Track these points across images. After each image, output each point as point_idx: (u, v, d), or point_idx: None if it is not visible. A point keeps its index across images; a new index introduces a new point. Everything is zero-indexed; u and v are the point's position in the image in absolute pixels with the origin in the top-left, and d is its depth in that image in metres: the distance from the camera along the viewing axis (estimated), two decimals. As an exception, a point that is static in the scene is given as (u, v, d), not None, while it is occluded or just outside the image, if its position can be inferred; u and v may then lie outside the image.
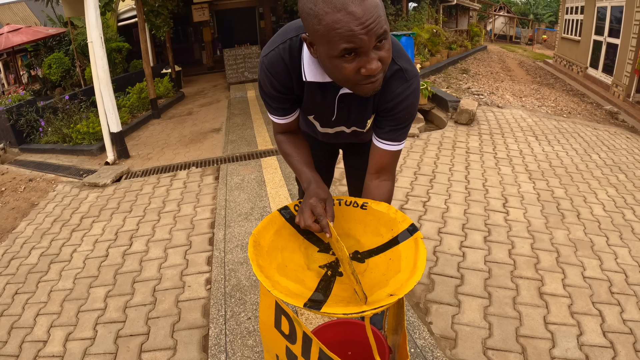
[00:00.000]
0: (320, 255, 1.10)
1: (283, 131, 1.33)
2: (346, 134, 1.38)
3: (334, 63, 0.94)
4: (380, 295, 0.93)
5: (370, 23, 0.87)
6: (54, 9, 9.13)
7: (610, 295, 2.16)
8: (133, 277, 2.47)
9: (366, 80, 0.96)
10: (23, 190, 4.28)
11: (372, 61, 0.92)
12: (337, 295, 0.94)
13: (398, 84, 1.12)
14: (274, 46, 1.13)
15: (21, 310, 2.32)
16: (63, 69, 7.44)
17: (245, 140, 4.96)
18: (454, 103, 5.56)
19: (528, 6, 31.74)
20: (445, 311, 2.05)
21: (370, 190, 1.26)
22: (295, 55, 1.12)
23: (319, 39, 0.92)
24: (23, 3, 16.03)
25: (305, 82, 1.15)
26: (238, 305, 2.11)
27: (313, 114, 1.29)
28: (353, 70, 0.94)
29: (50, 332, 2.10)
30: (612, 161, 4.21)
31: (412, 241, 1.09)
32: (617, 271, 2.37)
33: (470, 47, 13.98)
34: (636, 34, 7.78)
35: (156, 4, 7.44)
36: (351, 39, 0.88)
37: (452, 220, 2.90)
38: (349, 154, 1.65)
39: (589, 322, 1.96)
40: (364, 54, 0.91)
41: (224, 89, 9.17)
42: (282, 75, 1.14)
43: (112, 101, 4.45)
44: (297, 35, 1.11)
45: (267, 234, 1.15)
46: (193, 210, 3.27)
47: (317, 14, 0.88)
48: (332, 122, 1.29)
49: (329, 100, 1.19)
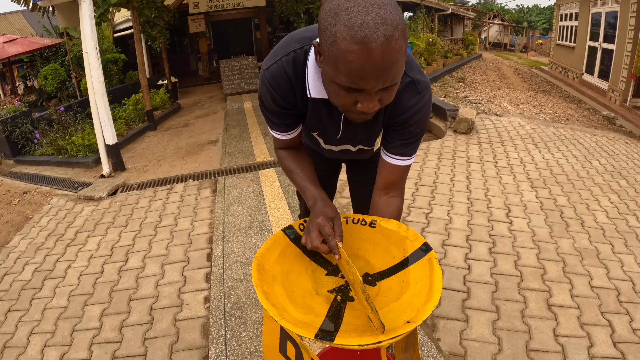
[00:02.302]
0: (328, 279, 1.04)
1: (285, 147, 1.25)
2: (352, 152, 1.32)
3: (333, 87, 0.88)
4: (397, 322, 0.87)
5: (384, 71, 0.79)
6: (50, 20, 9.10)
7: (618, 305, 2.12)
8: (129, 295, 2.39)
9: (359, 113, 0.91)
10: (17, 203, 4.20)
11: (372, 101, 0.86)
12: (349, 323, 0.88)
13: (410, 96, 1.05)
14: (275, 59, 1.06)
15: (14, 328, 2.24)
16: (59, 80, 7.39)
17: (243, 152, 4.91)
18: (452, 112, 5.54)
19: (522, 14, 32.17)
20: (453, 327, 1.99)
21: (378, 207, 1.20)
22: (299, 68, 1.04)
23: (327, 58, 0.84)
24: (19, 14, 16.01)
25: (310, 99, 1.08)
26: (239, 324, 2.04)
27: (317, 130, 1.23)
28: (350, 101, 0.88)
29: (44, 353, 2.02)
30: (613, 167, 4.19)
31: (426, 262, 1.03)
32: (624, 279, 2.33)
33: (466, 55, 14.10)
34: (631, 39, 7.84)
35: (152, 15, 7.43)
36: (357, 80, 0.81)
37: (455, 231, 2.85)
38: (354, 167, 1.58)
39: (598, 333, 1.92)
40: (365, 93, 0.85)
41: (220, 100, 9.14)
42: (284, 90, 1.07)
43: (108, 113, 4.40)
44: (302, 47, 1.04)
45: (271, 256, 1.09)
46: (190, 225, 3.20)
47: (334, 34, 0.78)
48: (337, 139, 1.22)
49: (335, 117, 1.12)
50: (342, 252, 0.97)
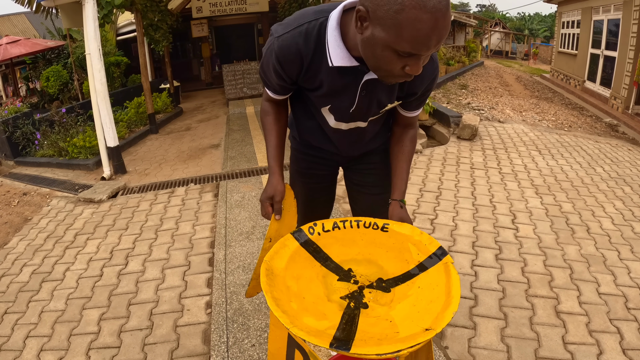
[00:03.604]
0: (340, 285, 1.00)
1: (272, 101, 1.31)
2: (360, 134, 1.33)
3: (386, 53, 0.90)
4: (414, 329, 0.82)
5: (442, 38, 0.86)
6: (54, 22, 9.10)
7: (626, 312, 2.09)
8: (129, 299, 2.34)
9: (404, 76, 0.96)
10: (17, 204, 4.15)
11: (419, 65, 0.92)
12: (365, 331, 0.84)
13: (427, 66, 1.11)
14: (289, 27, 1.08)
15: (10, 331, 2.19)
16: (61, 82, 7.37)
17: (245, 156, 4.88)
18: (455, 118, 5.52)
19: (523, 22, 32.34)
20: (461, 334, 1.94)
21: (397, 135, 1.34)
22: (312, 40, 1.06)
23: (387, 24, 0.85)
24: (23, 15, 16.03)
25: (329, 68, 1.08)
26: (241, 331, 1.99)
27: (329, 103, 1.21)
28: (399, 66, 0.92)
29: (40, 357, 1.97)
30: (617, 174, 4.16)
31: (442, 266, 0.99)
32: (632, 286, 2.31)
33: (468, 62, 14.12)
34: (633, 46, 7.85)
35: (155, 19, 7.43)
36: (420, 47, 0.86)
37: (461, 238, 2.81)
38: (351, 171, 1.54)
39: (607, 340, 1.89)
40: (417, 57, 0.90)
41: (222, 104, 9.13)
42: (291, 61, 1.09)
43: (110, 114, 4.36)
44: (317, 19, 1.06)
45: (281, 260, 1.05)
46: (192, 229, 3.16)
47: (401, 2, 0.82)
48: (350, 114, 1.22)
49: (352, 87, 1.13)
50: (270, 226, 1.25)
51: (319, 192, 1.56)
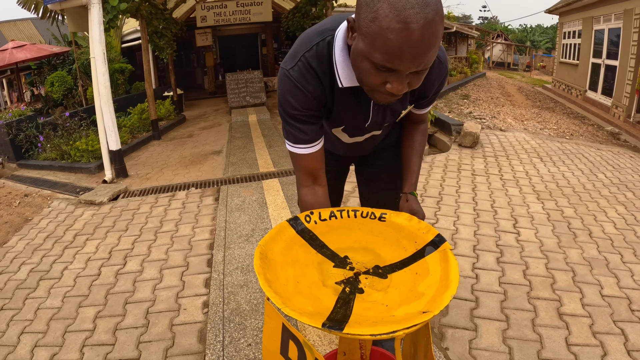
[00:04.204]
0: (336, 271, 0.98)
1: (310, 175, 1.17)
2: (376, 138, 1.34)
3: (365, 65, 0.86)
4: (411, 312, 0.81)
5: (420, 54, 0.79)
6: (59, 28, 9.19)
7: (630, 313, 2.06)
8: (125, 298, 2.32)
9: (387, 94, 0.90)
10: (18, 205, 4.16)
11: (401, 83, 0.86)
12: (360, 314, 0.82)
13: (436, 69, 1.10)
14: (297, 56, 1.02)
15: (5, 327, 2.17)
16: (65, 87, 7.42)
17: (247, 162, 4.88)
18: (457, 126, 5.53)
19: (525, 33, 32.56)
20: (462, 336, 1.91)
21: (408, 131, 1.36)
22: (325, 60, 1.02)
23: (364, 32, 0.83)
24: (29, 21, 16.23)
25: (339, 89, 1.05)
26: (237, 330, 1.97)
27: (343, 124, 1.18)
28: (379, 81, 0.87)
29: (34, 352, 1.95)
30: (619, 180, 4.14)
31: (440, 253, 0.98)
32: (635, 288, 2.27)
33: (470, 73, 14.20)
34: (634, 55, 7.88)
35: (160, 26, 7.52)
36: (392, 59, 0.80)
37: (462, 242, 2.79)
38: (363, 167, 1.55)
39: (612, 342, 1.86)
40: (397, 74, 0.85)
41: (225, 113, 9.18)
42: (314, 87, 1.03)
43: (112, 118, 4.39)
44: (324, 39, 1.02)
45: (276, 246, 1.04)
46: (191, 231, 3.14)
47: (376, 10, 0.78)
48: (365, 128, 1.20)
49: (364, 104, 1.10)
50: None
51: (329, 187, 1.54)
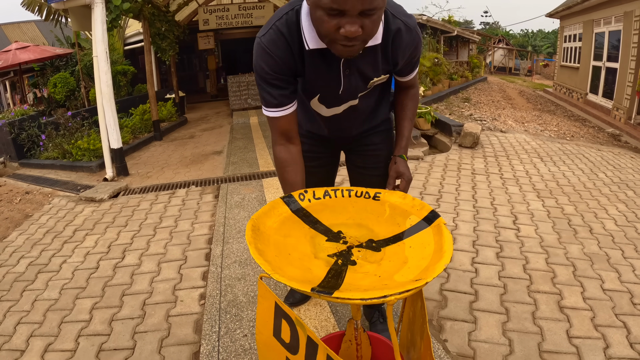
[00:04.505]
0: (329, 244, 0.98)
1: (283, 135, 1.23)
2: (356, 111, 1.34)
3: (319, 14, 0.94)
4: (404, 281, 0.80)
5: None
6: (62, 30, 9.24)
7: (632, 307, 2.04)
8: (122, 290, 2.31)
9: (344, 41, 0.96)
10: (19, 201, 4.16)
11: (353, 24, 0.92)
12: (351, 283, 0.81)
13: (405, 36, 1.15)
14: (269, 25, 1.12)
15: (2, 317, 2.18)
16: (68, 88, 7.45)
17: (247, 162, 4.88)
18: (457, 127, 5.53)
19: (526, 38, 32.59)
20: (461, 328, 1.89)
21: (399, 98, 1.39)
22: (294, 28, 1.10)
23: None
24: (32, 23, 16.34)
25: (307, 52, 1.11)
26: (234, 321, 1.95)
27: (319, 92, 1.24)
28: (333, 27, 0.94)
29: (29, 342, 1.95)
30: (619, 179, 4.12)
31: (435, 228, 0.97)
32: (637, 283, 2.26)
33: (471, 77, 14.20)
34: (635, 57, 7.87)
35: (162, 28, 7.56)
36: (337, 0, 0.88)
37: (461, 237, 2.78)
38: (353, 154, 1.56)
39: (614, 334, 1.84)
40: (347, 16, 0.92)
41: (226, 115, 9.20)
42: (283, 51, 1.11)
43: (114, 116, 4.41)
44: (293, 9, 1.10)
45: (268, 220, 1.03)
46: (190, 227, 3.14)
47: None
48: (340, 96, 1.24)
49: (334, 69, 1.15)
50: None
51: (318, 175, 1.55)
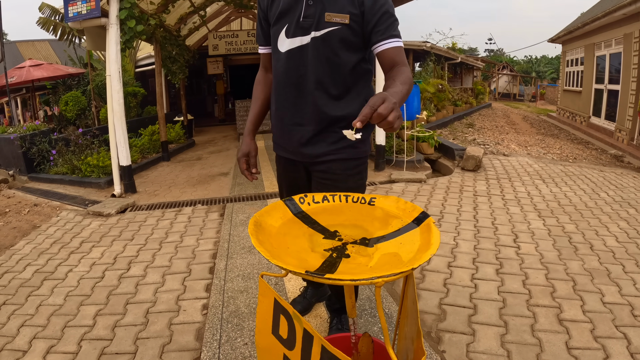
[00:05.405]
0: (325, 241, 1.04)
1: (264, 66, 1.58)
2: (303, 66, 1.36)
3: None
4: (393, 269, 0.85)
5: None
6: (76, 50, 9.54)
7: (633, 319, 2.05)
8: (127, 299, 2.35)
9: None
10: (27, 213, 4.26)
11: None
12: (343, 272, 0.87)
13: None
14: None
15: (6, 319, 2.22)
16: (79, 107, 7.63)
17: (253, 183, 4.95)
18: (460, 151, 5.61)
19: (530, 64, 33.04)
20: (459, 340, 1.90)
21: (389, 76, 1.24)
22: None
23: None
24: (46, 42, 16.86)
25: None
26: (235, 330, 1.98)
27: (286, 22, 1.36)
28: None
29: (32, 343, 1.99)
30: (621, 198, 4.15)
31: (424, 226, 1.03)
32: (638, 295, 2.26)
33: (475, 104, 14.40)
34: (635, 78, 7.98)
35: (173, 52, 7.83)
36: None
37: (462, 255, 2.81)
38: (313, 179, 1.53)
39: (614, 345, 1.84)
40: None
41: (234, 139, 9.36)
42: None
43: (124, 134, 4.54)
44: None
45: (270, 218, 1.10)
46: (196, 242, 3.20)
47: None
48: (300, 27, 1.33)
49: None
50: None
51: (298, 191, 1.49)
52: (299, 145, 1.45)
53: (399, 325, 1.28)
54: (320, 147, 1.42)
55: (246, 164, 1.50)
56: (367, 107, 0.90)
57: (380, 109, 0.89)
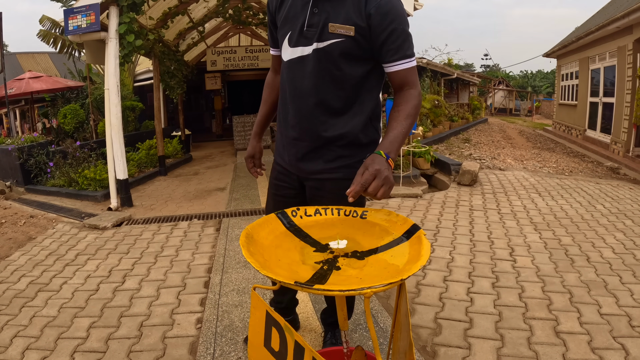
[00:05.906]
0: (316, 254, 1.05)
1: (274, 68, 1.59)
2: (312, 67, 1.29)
3: None
4: (382, 280, 0.86)
5: None
6: (75, 63, 9.60)
7: (631, 329, 2.04)
8: (121, 312, 2.34)
9: None
10: (23, 224, 4.25)
11: None
12: (334, 283, 0.87)
13: (371, 3, 1.19)
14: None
15: (-1, 329, 2.21)
16: (77, 120, 7.66)
17: (249, 198, 4.96)
18: (456, 166, 5.65)
19: (526, 79, 33.45)
20: (455, 354, 1.89)
21: (396, 103, 1.26)
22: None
23: None
24: (46, 55, 16.95)
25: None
26: (229, 344, 1.97)
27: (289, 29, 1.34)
28: None
29: (24, 354, 1.97)
30: (617, 209, 4.17)
31: (415, 239, 1.04)
32: (635, 306, 2.27)
33: (472, 119, 14.52)
34: (630, 90, 8.07)
35: (172, 67, 7.91)
36: None
37: (457, 269, 2.81)
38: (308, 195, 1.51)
39: (612, 356, 1.84)
40: None
41: (231, 154, 9.39)
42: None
43: (122, 148, 4.56)
44: None
45: (262, 231, 1.10)
46: (191, 256, 3.19)
47: None
48: (303, 36, 1.28)
49: (304, 4, 1.29)
50: None
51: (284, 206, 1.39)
52: (296, 160, 1.43)
53: (393, 339, 1.28)
54: (316, 165, 1.39)
55: (252, 163, 1.66)
56: (359, 185, 1.03)
57: (370, 188, 1.03)
